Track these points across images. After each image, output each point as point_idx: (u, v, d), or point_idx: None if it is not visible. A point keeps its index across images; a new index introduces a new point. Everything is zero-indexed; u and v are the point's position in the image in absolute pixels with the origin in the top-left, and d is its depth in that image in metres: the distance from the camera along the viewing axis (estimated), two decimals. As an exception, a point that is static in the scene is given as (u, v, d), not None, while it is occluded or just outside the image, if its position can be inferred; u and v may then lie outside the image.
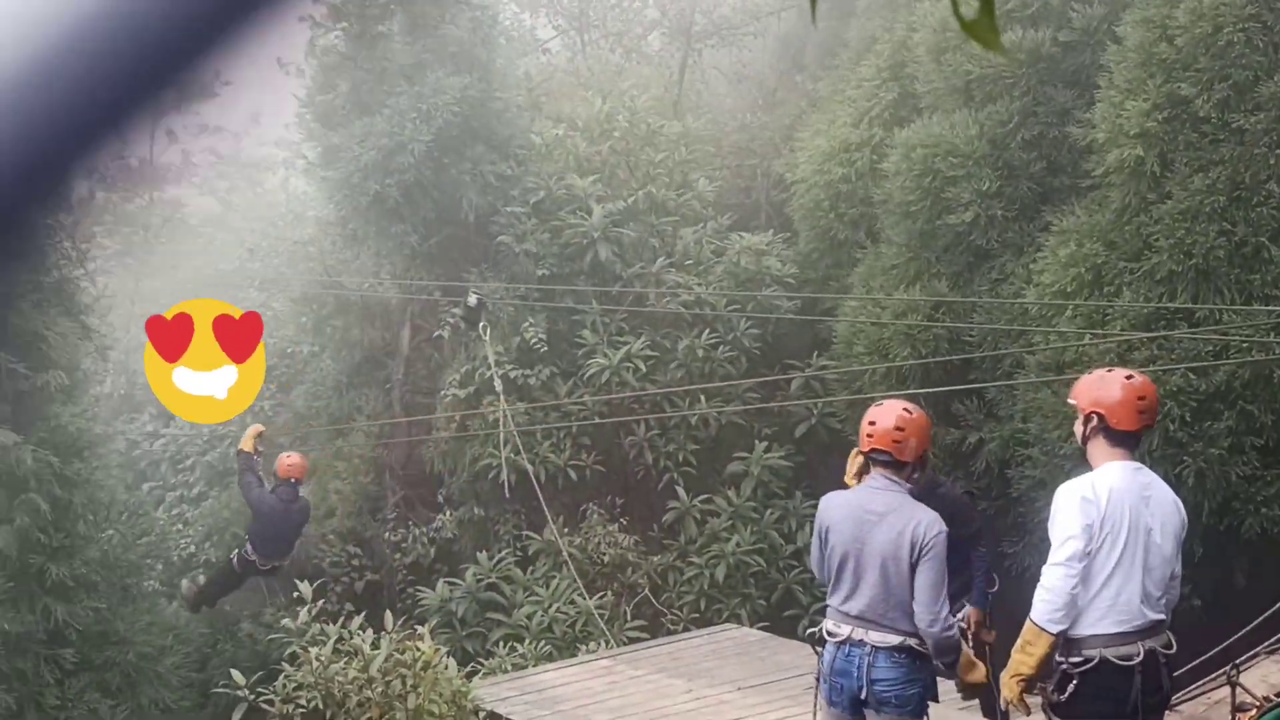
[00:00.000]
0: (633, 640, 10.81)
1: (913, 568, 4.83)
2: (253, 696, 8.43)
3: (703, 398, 12.64)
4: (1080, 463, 4.83)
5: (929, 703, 5.06)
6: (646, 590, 11.90)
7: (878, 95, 12.65)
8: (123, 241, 27.88)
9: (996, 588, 6.94)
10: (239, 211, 26.72)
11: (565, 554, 11.73)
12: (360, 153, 13.08)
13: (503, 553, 12.96)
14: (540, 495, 12.06)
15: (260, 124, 32.03)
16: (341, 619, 9.09)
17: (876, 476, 5.06)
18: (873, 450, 5.05)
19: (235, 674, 8.66)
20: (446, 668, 8.23)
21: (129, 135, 1.07)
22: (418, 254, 13.83)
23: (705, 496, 12.43)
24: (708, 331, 12.90)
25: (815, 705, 5.39)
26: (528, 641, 11.12)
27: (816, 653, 5.27)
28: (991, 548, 7.75)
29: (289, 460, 11.67)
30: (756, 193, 15.16)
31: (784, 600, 11.94)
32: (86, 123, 1.06)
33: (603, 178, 13.57)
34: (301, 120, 15.03)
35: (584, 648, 10.66)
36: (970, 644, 6.17)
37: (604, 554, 11.90)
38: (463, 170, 13.34)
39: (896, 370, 10.94)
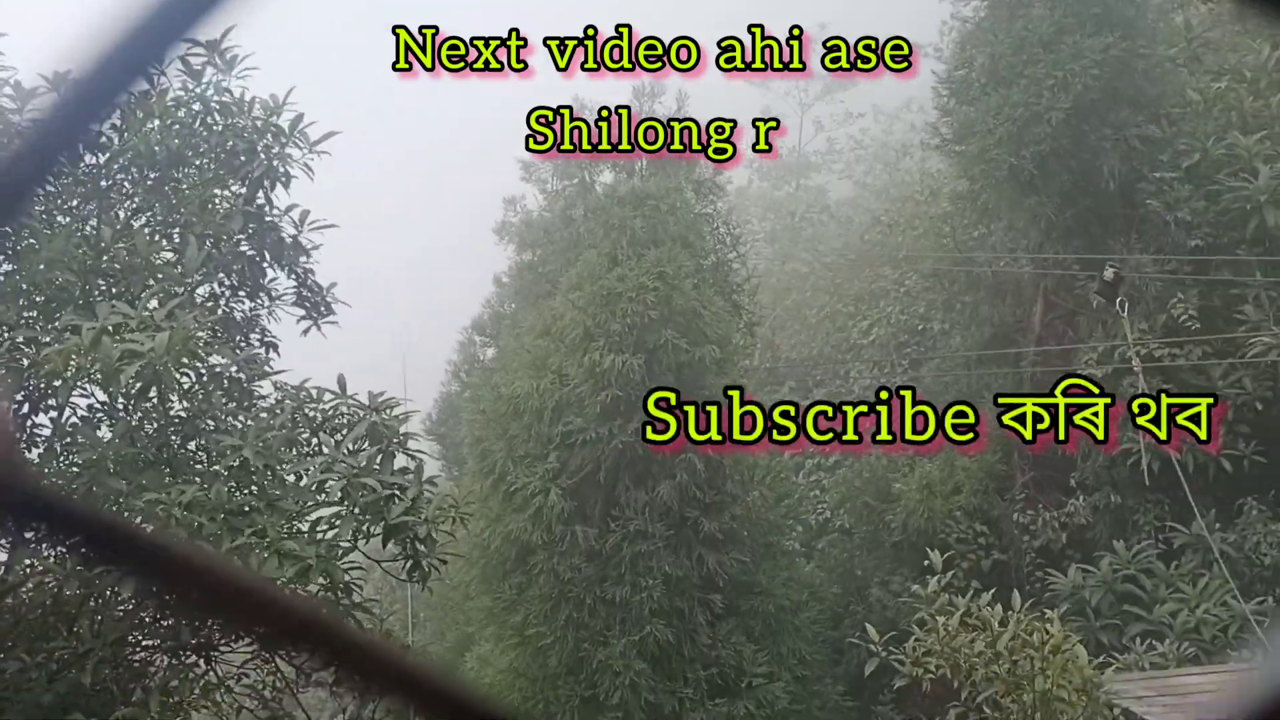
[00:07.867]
0: (1298, 654, 9.59)
1: None
2: (884, 654, 8.72)
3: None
4: None
5: None
6: (1318, 601, 10.49)
7: None
8: (770, 226, 30.08)
9: None
10: (873, 192, 27.57)
11: (1216, 551, 10.69)
12: (995, 125, 12.92)
13: (1142, 544, 12.18)
14: (1187, 486, 11.10)
15: (912, 109, 32.81)
16: (970, 593, 9.08)
17: None
18: None
19: (870, 629, 9.00)
20: (1077, 655, 7.89)
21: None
22: (1054, 227, 13.34)
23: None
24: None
25: None
26: (1169, 641, 10.32)
27: None
28: None
29: None
30: None
31: None
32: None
33: (1271, 135, 12.12)
34: (937, 96, 15.15)
35: (1235, 655, 9.68)
36: None
37: (1264, 555, 10.68)
38: (1104, 136, 12.62)
39: None
